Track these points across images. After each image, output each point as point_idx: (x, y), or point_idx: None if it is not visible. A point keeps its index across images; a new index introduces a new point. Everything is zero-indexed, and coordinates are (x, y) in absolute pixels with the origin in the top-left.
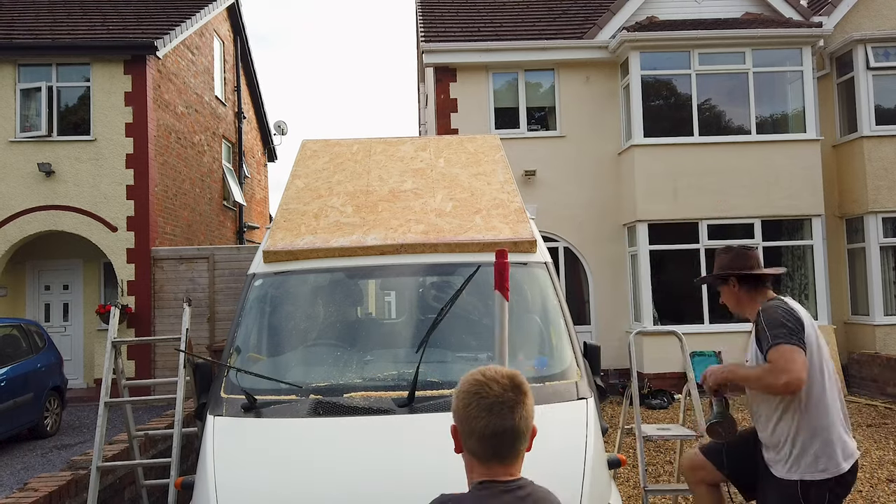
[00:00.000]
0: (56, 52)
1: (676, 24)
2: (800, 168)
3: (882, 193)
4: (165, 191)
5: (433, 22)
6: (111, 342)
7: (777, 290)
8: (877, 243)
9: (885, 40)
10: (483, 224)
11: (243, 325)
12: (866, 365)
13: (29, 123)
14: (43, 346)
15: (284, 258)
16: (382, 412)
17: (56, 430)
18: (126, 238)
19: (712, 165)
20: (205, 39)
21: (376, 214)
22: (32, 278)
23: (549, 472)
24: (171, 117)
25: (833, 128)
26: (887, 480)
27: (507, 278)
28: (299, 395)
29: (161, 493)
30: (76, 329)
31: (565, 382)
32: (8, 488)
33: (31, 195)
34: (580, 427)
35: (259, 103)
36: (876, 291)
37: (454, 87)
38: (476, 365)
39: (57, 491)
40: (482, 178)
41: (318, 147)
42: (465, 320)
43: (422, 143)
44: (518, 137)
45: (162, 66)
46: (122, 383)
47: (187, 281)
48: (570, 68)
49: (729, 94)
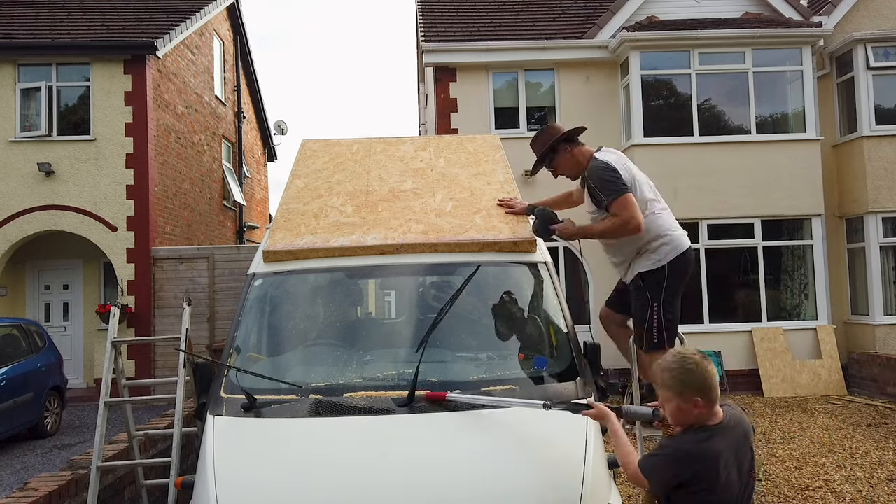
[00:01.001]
0: (56, 51)
1: (676, 24)
2: (800, 168)
3: (882, 193)
4: (165, 190)
5: (433, 22)
6: (111, 342)
7: (777, 290)
8: (877, 243)
9: (885, 40)
10: (483, 224)
11: (243, 324)
12: (866, 365)
13: (29, 123)
14: (43, 345)
15: (284, 258)
16: (382, 412)
17: (56, 430)
18: (126, 238)
19: (712, 165)
20: (205, 39)
21: (376, 214)
22: (32, 278)
23: (549, 472)
24: (171, 117)
25: (833, 128)
26: (887, 480)
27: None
28: (299, 395)
29: (161, 493)
30: (76, 329)
31: (565, 382)
32: (8, 488)
33: (30, 195)
34: (580, 427)
35: (259, 103)
36: (876, 291)
37: (454, 86)
38: (476, 364)
39: (57, 491)
40: (482, 178)
41: (317, 147)
42: (465, 320)
43: (422, 143)
44: (518, 137)
45: (162, 66)
46: (122, 383)
47: (187, 281)
48: (570, 68)
49: (729, 93)
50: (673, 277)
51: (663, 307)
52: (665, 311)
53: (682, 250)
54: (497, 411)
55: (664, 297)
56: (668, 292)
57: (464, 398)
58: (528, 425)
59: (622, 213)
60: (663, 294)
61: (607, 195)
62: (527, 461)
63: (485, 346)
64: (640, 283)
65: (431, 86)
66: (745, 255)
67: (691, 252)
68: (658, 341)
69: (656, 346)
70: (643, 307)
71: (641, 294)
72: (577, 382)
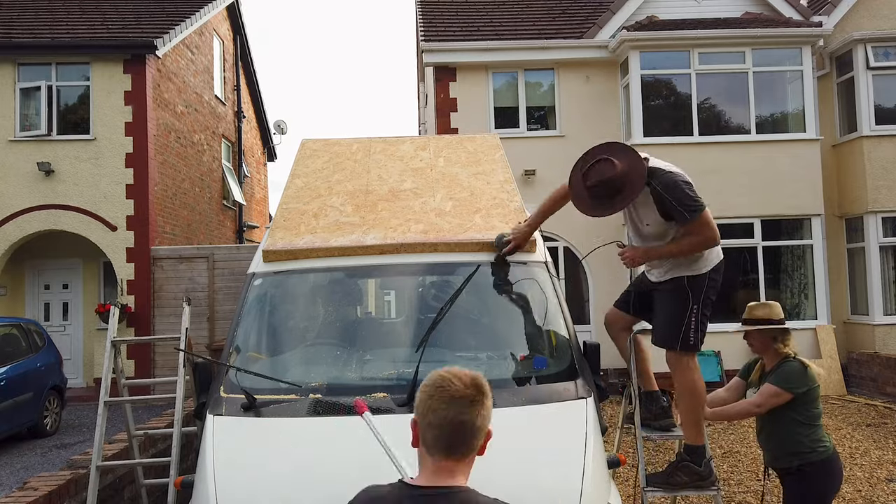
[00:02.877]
0: (56, 51)
1: (676, 24)
2: (800, 168)
3: (882, 193)
4: (165, 190)
5: (433, 21)
6: (111, 341)
7: (776, 290)
8: (876, 243)
9: (885, 40)
10: (483, 223)
11: (243, 324)
12: (866, 364)
13: (28, 122)
14: (42, 345)
15: (284, 257)
16: (382, 412)
17: (56, 430)
18: (126, 237)
19: (712, 165)
20: (204, 38)
21: (376, 214)
22: (32, 278)
23: (549, 471)
24: (170, 116)
25: (833, 127)
26: (886, 480)
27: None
28: (299, 395)
29: (161, 493)
30: (76, 328)
31: (565, 382)
32: (8, 487)
33: (30, 194)
34: (580, 427)
35: (259, 102)
36: (875, 291)
37: (454, 86)
38: (476, 364)
39: (56, 490)
40: (482, 178)
41: (317, 146)
42: (464, 320)
43: (421, 143)
44: (518, 137)
45: (162, 66)
46: (121, 382)
47: (187, 280)
48: (569, 68)
49: (729, 93)
50: (713, 282)
51: (702, 310)
52: (703, 313)
53: (722, 257)
54: (497, 411)
55: (703, 300)
56: (708, 295)
57: (371, 423)
58: (528, 425)
59: (705, 232)
60: (702, 297)
61: (690, 212)
62: (527, 461)
63: (484, 345)
64: (683, 285)
65: (431, 85)
66: (745, 255)
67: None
68: (694, 342)
69: (692, 346)
70: (682, 308)
71: (681, 294)
72: (576, 382)
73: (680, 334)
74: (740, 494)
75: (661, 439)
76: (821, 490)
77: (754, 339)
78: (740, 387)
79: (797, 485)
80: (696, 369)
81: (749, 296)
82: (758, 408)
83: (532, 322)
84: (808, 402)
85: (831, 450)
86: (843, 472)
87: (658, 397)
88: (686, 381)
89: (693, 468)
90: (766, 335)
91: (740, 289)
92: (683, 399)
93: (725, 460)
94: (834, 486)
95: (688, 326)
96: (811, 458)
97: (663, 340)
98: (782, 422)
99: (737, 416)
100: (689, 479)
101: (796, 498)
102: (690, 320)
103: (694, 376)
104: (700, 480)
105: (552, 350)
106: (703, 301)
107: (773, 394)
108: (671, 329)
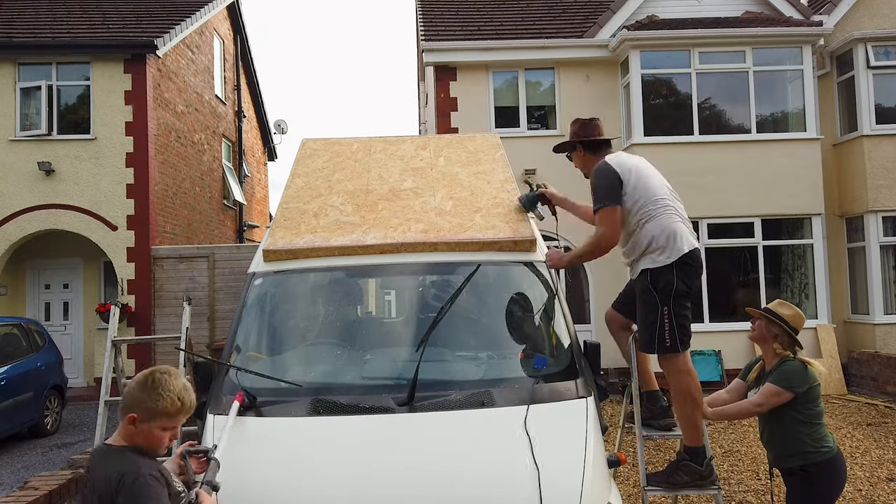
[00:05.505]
0: (56, 50)
1: (677, 23)
2: (800, 167)
3: (882, 192)
4: (165, 190)
5: (433, 20)
6: (111, 341)
7: (777, 289)
8: (877, 242)
9: (885, 39)
10: (483, 223)
11: (243, 323)
12: (866, 364)
13: (29, 122)
14: (43, 344)
15: (284, 257)
16: (382, 411)
17: (56, 429)
18: (126, 237)
19: (712, 164)
20: (205, 38)
21: (376, 213)
22: (32, 277)
23: (549, 470)
24: (171, 116)
25: (833, 127)
26: (887, 479)
27: None
28: (299, 394)
29: None
30: (76, 328)
31: (565, 381)
32: (8, 487)
33: (30, 194)
34: (580, 426)
35: (259, 102)
36: (876, 290)
37: (454, 85)
38: (476, 363)
39: (57, 489)
40: (482, 177)
41: (317, 146)
42: (464, 319)
43: (422, 142)
44: (518, 136)
45: (162, 65)
46: (122, 382)
47: (187, 280)
48: (570, 67)
49: (729, 93)
50: (681, 277)
51: (674, 309)
52: (676, 312)
53: (691, 248)
54: (497, 410)
55: (674, 298)
56: (678, 293)
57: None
58: (528, 425)
59: (599, 229)
60: (672, 295)
61: (595, 203)
62: (527, 460)
63: (484, 345)
64: (647, 284)
65: (431, 85)
66: (745, 255)
67: (699, 251)
68: (671, 345)
69: (670, 348)
70: (652, 310)
71: (649, 296)
72: (577, 382)
73: (655, 338)
74: (740, 494)
75: (662, 438)
76: (824, 490)
77: (757, 327)
78: (741, 388)
79: (800, 485)
80: (687, 371)
81: (749, 295)
82: (759, 407)
83: (532, 321)
84: (809, 401)
85: (835, 450)
86: (846, 472)
87: (659, 396)
88: (678, 383)
89: (694, 467)
90: (770, 329)
91: (740, 288)
92: (678, 402)
93: (726, 459)
94: (838, 486)
95: (661, 329)
96: (814, 458)
97: (643, 345)
98: (784, 421)
99: (738, 416)
100: (690, 479)
101: (799, 498)
102: (663, 323)
103: (686, 378)
104: (701, 480)
105: (552, 349)
106: (675, 300)
107: (774, 393)
108: (646, 334)
